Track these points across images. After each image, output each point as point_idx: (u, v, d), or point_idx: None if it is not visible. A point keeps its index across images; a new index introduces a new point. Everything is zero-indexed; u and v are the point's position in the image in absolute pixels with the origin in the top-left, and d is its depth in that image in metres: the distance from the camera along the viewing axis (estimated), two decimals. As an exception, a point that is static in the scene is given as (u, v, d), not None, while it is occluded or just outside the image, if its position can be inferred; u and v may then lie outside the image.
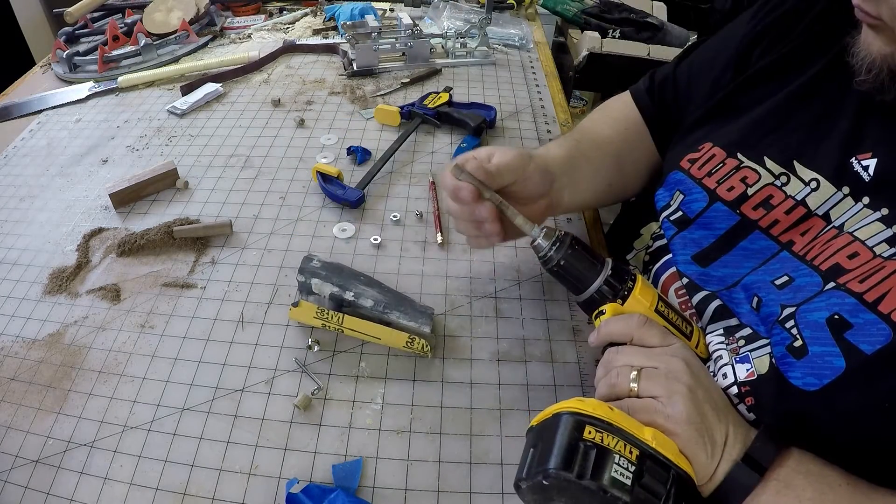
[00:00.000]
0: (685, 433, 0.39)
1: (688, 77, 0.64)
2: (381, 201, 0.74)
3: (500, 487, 0.47)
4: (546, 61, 1.08)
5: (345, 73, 1.02)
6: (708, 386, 0.42)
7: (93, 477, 0.48)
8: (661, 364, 0.42)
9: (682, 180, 0.55)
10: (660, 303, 0.47)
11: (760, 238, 0.49)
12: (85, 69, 1.05)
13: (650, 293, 0.47)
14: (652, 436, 0.38)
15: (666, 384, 0.41)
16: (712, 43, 0.64)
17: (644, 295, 0.47)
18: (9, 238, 0.70)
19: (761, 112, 0.53)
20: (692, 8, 2.04)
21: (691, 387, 0.41)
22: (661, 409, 0.40)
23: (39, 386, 0.54)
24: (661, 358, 0.43)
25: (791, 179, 0.48)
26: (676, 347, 0.44)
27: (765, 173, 0.50)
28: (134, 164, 0.81)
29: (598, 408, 0.38)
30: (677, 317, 0.48)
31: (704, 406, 0.40)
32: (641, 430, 0.38)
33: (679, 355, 0.43)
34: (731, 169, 0.52)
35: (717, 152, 0.53)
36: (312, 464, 0.48)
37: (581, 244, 0.49)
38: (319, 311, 0.56)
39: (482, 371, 0.55)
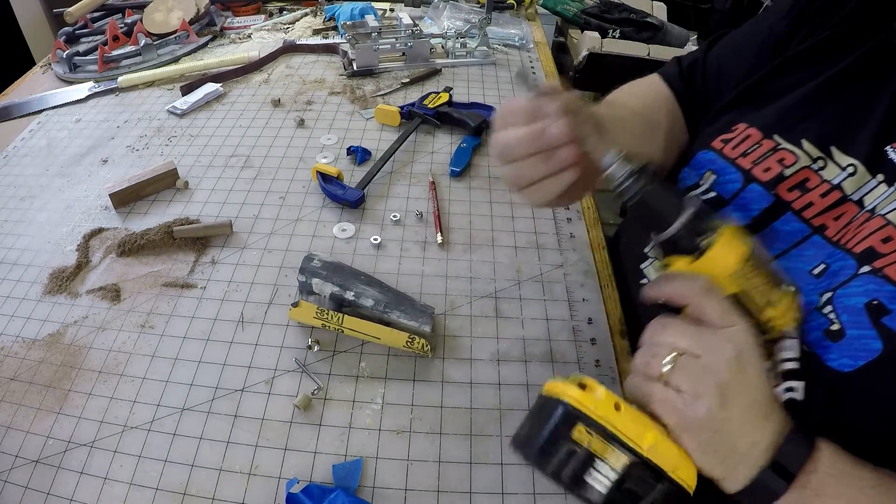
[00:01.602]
0: (697, 440, 0.37)
1: (718, 62, 0.63)
2: (381, 201, 0.74)
3: (499, 487, 0.47)
4: (546, 61, 1.08)
5: (345, 73, 1.02)
6: (750, 385, 0.37)
7: (93, 477, 0.48)
8: (705, 352, 0.37)
9: (714, 160, 0.54)
10: (747, 264, 0.39)
11: (793, 220, 0.48)
12: (85, 69, 1.05)
13: (735, 252, 0.39)
14: (652, 442, 0.36)
15: (697, 380, 0.37)
16: (746, 28, 0.63)
17: (725, 254, 0.39)
18: (9, 238, 0.70)
19: (798, 96, 0.52)
20: (692, 8, 2.04)
21: (725, 386, 0.36)
22: (680, 408, 0.37)
23: (39, 386, 0.54)
24: (708, 343, 0.38)
25: (828, 164, 0.48)
26: (733, 331, 0.38)
27: (802, 155, 0.49)
28: (134, 164, 0.81)
29: (601, 405, 0.37)
30: (764, 283, 0.40)
31: (732, 410, 0.37)
32: (642, 435, 0.36)
33: (732, 342, 0.37)
34: (767, 150, 0.51)
35: (753, 133, 0.52)
36: (312, 464, 0.48)
37: (662, 179, 0.41)
38: (319, 311, 0.56)
39: (482, 371, 0.55)
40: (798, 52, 0.54)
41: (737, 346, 0.37)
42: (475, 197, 0.75)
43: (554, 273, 0.65)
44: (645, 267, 0.61)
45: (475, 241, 0.68)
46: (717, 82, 0.63)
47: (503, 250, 0.67)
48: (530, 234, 0.69)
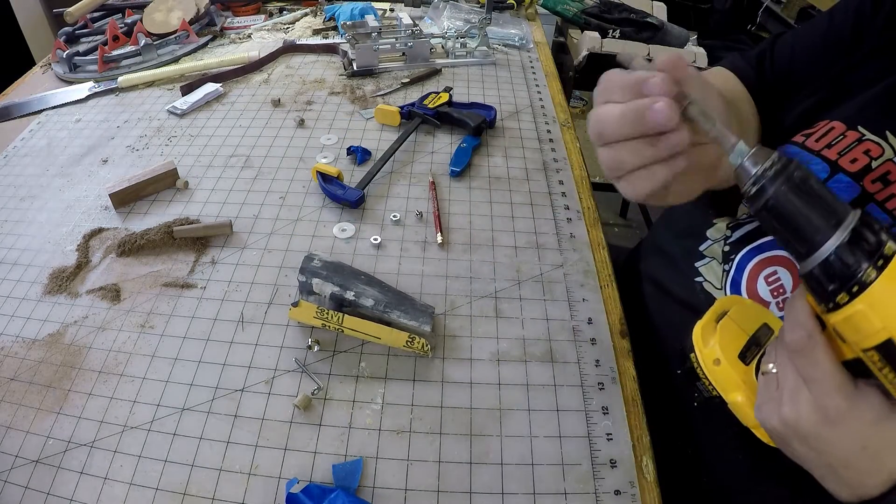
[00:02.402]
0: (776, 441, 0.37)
1: (790, 55, 0.62)
2: (381, 201, 0.74)
3: (499, 487, 0.47)
4: (546, 61, 1.08)
5: (345, 73, 1.02)
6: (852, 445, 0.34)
7: (93, 477, 0.48)
8: (787, 398, 0.35)
9: (798, 153, 0.52)
10: None
11: (875, 211, 0.47)
12: (85, 69, 1.05)
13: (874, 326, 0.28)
14: (735, 403, 0.40)
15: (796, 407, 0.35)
16: (815, 24, 0.61)
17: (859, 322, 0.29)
18: (9, 238, 0.70)
19: (880, 89, 0.51)
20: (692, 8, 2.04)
21: (817, 438, 0.34)
22: (762, 402, 0.38)
23: (39, 386, 0.54)
24: (791, 389, 0.35)
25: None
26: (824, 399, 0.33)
27: (887, 147, 0.48)
28: (134, 164, 0.81)
29: (706, 357, 0.42)
30: None
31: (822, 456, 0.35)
32: (729, 393, 0.40)
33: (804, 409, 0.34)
34: (852, 141, 0.50)
35: (837, 125, 0.52)
36: (312, 464, 0.48)
37: (813, 179, 0.31)
38: (319, 310, 0.56)
39: (482, 371, 0.55)
40: (877, 46, 0.53)
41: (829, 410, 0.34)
42: (475, 197, 0.75)
43: (554, 273, 0.65)
44: (701, 265, 0.59)
45: (475, 241, 0.68)
46: (789, 76, 0.61)
47: (503, 250, 0.67)
48: (530, 234, 0.69)
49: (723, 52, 1.63)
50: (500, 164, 0.80)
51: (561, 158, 0.82)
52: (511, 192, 0.76)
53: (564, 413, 0.52)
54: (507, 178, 0.78)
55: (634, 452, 0.50)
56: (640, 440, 0.51)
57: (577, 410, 0.52)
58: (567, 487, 0.47)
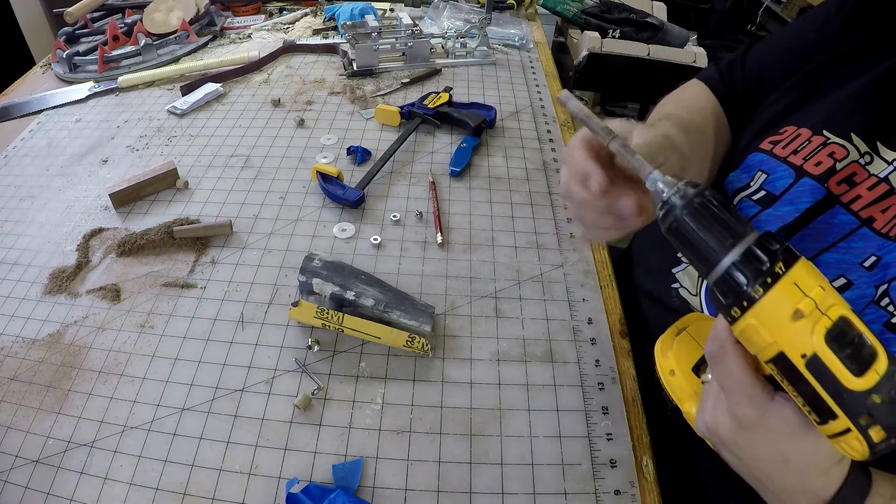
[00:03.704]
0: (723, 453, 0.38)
1: (760, 62, 0.63)
2: (381, 201, 0.74)
3: (499, 487, 0.47)
4: (546, 61, 1.08)
5: (345, 73, 1.02)
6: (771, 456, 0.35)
7: (93, 477, 0.48)
8: (711, 406, 0.37)
9: (765, 160, 0.54)
10: (826, 347, 0.29)
11: (841, 212, 0.48)
12: (85, 69, 1.05)
13: (765, 340, 0.30)
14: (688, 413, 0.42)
15: (715, 417, 0.37)
16: (789, 29, 0.63)
17: (751, 336, 0.31)
18: (9, 238, 0.70)
19: (847, 92, 0.52)
20: (692, 8, 2.04)
21: (739, 446, 0.36)
22: (704, 413, 0.38)
23: (39, 386, 0.54)
24: (713, 398, 0.37)
25: (874, 159, 0.48)
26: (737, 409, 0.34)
27: (852, 149, 0.49)
28: (134, 164, 0.81)
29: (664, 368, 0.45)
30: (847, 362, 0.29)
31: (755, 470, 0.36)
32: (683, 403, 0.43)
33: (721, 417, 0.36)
34: (817, 145, 0.51)
35: (802, 132, 0.53)
36: (312, 464, 0.48)
37: (720, 202, 0.33)
38: (319, 310, 0.56)
39: (482, 371, 0.55)
40: (839, 52, 0.54)
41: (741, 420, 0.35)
42: (475, 197, 0.75)
43: (554, 273, 0.65)
44: (678, 271, 0.60)
45: (475, 241, 0.68)
46: (760, 81, 0.62)
47: (503, 250, 0.67)
48: (530, 234, 0.69)
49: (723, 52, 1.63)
50: (500, 164, 0.80)
51: (561, 158, 0.82)
52: (511, 192, 0.76)
53: (564, 413, 0.52)
54: (507, 178, 0.78)
55: (634, 452, 0.50)
56: (640, 440, 0.51)
57: (577, 410, 0.52)
58: (567, 487, 0.47)
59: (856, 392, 0.28)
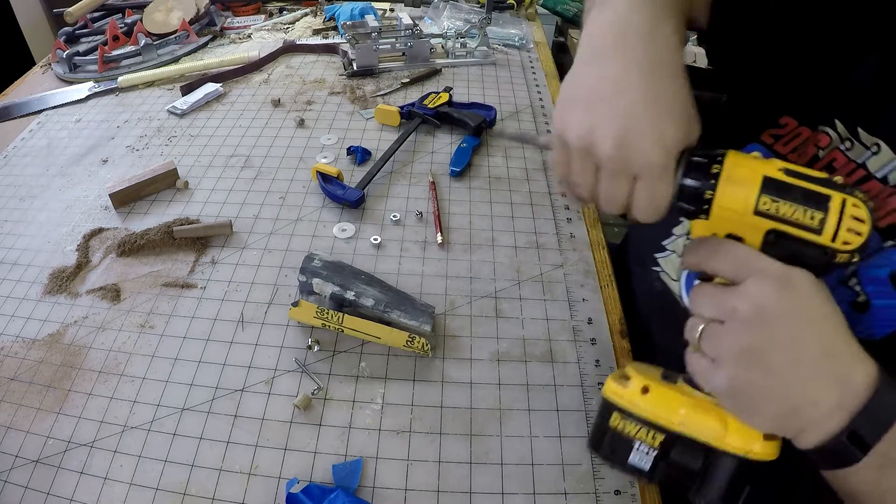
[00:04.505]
0: (734, 406, 0.35)
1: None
2: (381, 201, 0.74)
3: (499, 487, 0.47)
4: (546, 61, 1.08)
5: (345, 73, 1.02)
6: (789, 339, 0.33)
7: (93, 477, 0.48)
8: (725, 316, 0.35)
9: (765, 154, 0.54)
10: (763, 197, 0.34)
11: None
12: (85, 69, 1.05)
13: (743, 190, 0.35)
14: (681, 419, 0.37)
15: (716, 347, 0.35)
16: None
17: (731, 197, 0.35)
18: (9, 238, 0.70)
19: (835, 79, 0.52)
20: (692, 8, 2.03)
21: (749, 349, 0.34)
22: (706, 378, 0.36)
23: (39, 386, 0.54)
24: (725, 305, 0.35)
25: (855, 145, 0.49)
26: (747, 286, 0.35)
27: (834, 136, 0.50)
28: (134, 164, 0.81)
29: (629, 393, 0.39)
30: (800, 206, 0.34)
31: (768, 370, 0.34)
32: (673, 412, 0.37)
33: (747, 298, 0.34)
34: (806, 136, 0.52)
35: (790, 121, 0.54)
36: (312, 464, 0.48)
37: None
38: (319, 310, 0.56)
39: (482, 371, 0.55)
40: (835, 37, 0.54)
41: (754, 300, 0.34)
42: (475, 197, 0.75)
43: (554, 273, 0.65)
44: (661, 257, 0.61)
45: (475, 241, 0.68)
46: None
47: (503, 250, 0.67)
48: (530, 234, 0.69)
49: (723, 52, 1.62)
50: (500, 164, 0.80)
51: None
52: (511, 192, 0.76)
53: (564, 413, 0.52)
54: (507, 178, 0.78)
55: (634, 452, 0.50)
56: (640, 440, 0.51)
57: (577, 410, 0.52)
58: (567, 487, 0.47)
59: (827, 177, 0.35)
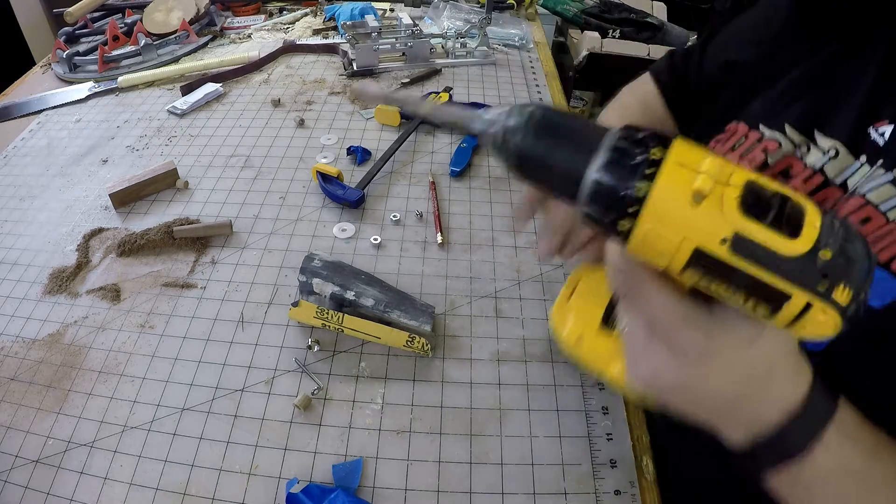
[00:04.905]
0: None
1: (724, 51, 0.62)
2: (381, 201, 0.74)
3: (499, 487, 0.47)
4: (546, 61, 1.08)
5: (345, 73, 1.02)
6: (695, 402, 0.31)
7: (93, 477, 0.48)
8: (639, 355, 0.31)
9: None
10: (690, 271, 0.25)
11: None
12: (85, 69, 1.05)
13: (664, 257, 0.25)
14: (611, 377, 0.34)
15: (628, 352, 0.32)
16: (747, 19, 0.62)
17: (650, 252, 0.25)
18: (9, 238, 0.70)
19: (785, 83, 0.53)
20: (692, 8, 2.04)
21: (661, 389, 0.31)
22: (628, 366, 0.32)
23: (39, 386, 0.54)
24: (633, 345, 0.32)
25: (811, 149, 0.48)
26: (653, 352, 0.30)
27: (785, 142, 0.50)
28: (134, 164, 0.81)
29: (566, 339, 0.37)
30: (741, 295, 0.24)
31: (683, 409, 0.31)
32: (600, 369, 0.35)
33: (650, 365, 0.30)
34: (753, 141, 0.52)
35: (741, 127, 0.53)
36: (312, 464, 0.48)
37: (560, 114, 0.28)
38: (319, 310, 0.56)
39: (482, 371, 0.55)
40: (793, 35, 0.54)
41: (654, 367, 0.30)
42: (475, 197, 0.75)
43: (554, 273, 0.65)
44: None
45: (475, 241, 0.68)
46: (721, 70, 0.61)
47: (503, 250, 0.67)
48: (530, 234, 0.69)
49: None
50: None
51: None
52: (511, 192, 0.76)
53: (564, 413, 0.52)
54: (507, 178, 0.78)
55: (634, 452, 0.50)
56: (640, 440, 0.51)
57: (577, 410, 0.52)
58: (567, 487, 0.47)
59: (800, 256, 0.22)
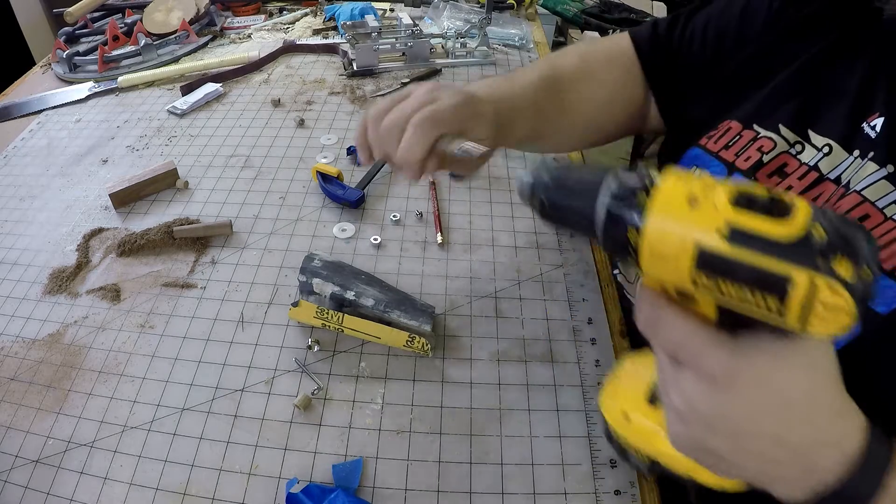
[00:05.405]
0: (691, 456, 0.32)
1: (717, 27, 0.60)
2: (381, 201, 0.74)
3: (499, 487, 0.47)
4: (546, 61, 1.08)
5: (345, 73, 1.02)
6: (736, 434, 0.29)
7: (93, 477, 0.48)
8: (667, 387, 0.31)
9: (700, 155, 0.55)
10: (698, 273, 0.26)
11: None
12: (85, 69, 1.05)
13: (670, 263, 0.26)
14: (660, 451, 0.36)
15: (666, 402, 0.32)
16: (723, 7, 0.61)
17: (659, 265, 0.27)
18: (9, 238, 0.70)
19: (777, 82, 0.53)
20: (692, 8, 2.04)
21: (694, 438, 0.30)
22: (668, 428, 0.33)
23: (39, 386, 0.54)
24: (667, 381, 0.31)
25: (805, 147, 0.49)
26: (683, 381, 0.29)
27: (780, 141, 0.50)
28: (134, 164, 0.81)
29: (614, 417, 0.40)
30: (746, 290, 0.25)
31: (724, 460, 0.30)
32: (651, 445, 0.37)
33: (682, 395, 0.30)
34: (748, 140, 0.52)
35: (734, 125, 0.54)
36: (312, 464, 0.48)
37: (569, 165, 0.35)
38: (319, 310, 0.56)
39: (482, 371, 0.55)
40: (782, 33, 0.55)
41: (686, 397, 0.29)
42: (475, 197, 0.75)
43: (554, 273, 0.65)
44: (617, 273, 0.61)
45: (475, 241, 0.68)
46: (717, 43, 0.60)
47: (503, 250, 0.67)
48: (530, 234, 0.69)
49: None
50: (500, 164, 0.80)
51: (561, 157, 0.82)
52: (511, 192, 0.76)
53: (564, 413, 0.52)
54: (507, 178, 0.78)
55: (634, 452, 0.50)
56: (640, 440, 0.51)
57: (577, 410, 0.52)
58: (567, 487, 0.47)
59: (794, 237, 0.23)
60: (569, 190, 0.32)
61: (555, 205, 0.33)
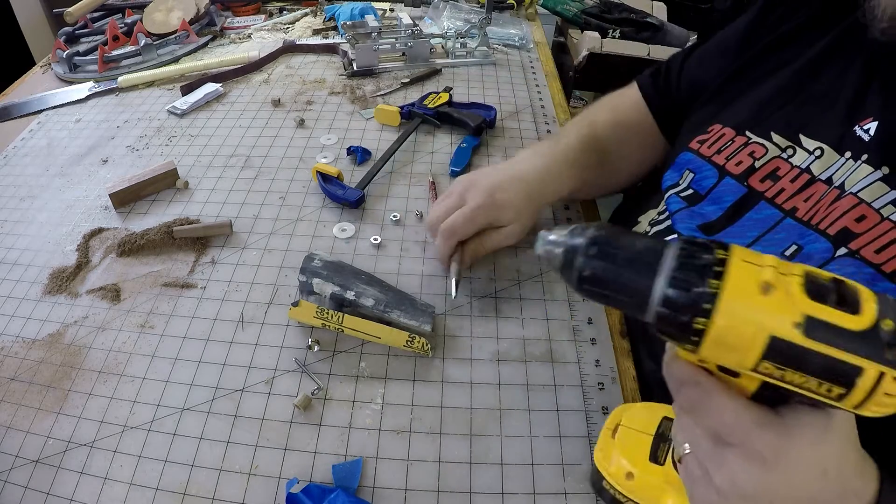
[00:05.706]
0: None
1: (694, 69, 0.66)
2: (381, 201, 0.74)
3: (499, 487, 0.47)
4: (546, 61, 1.08)
5: (345, 73, 1.02)
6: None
7: (93, 477, 0.48)
8: (706, 468, 0.30)
9: (692, 160, 0.56)
10: (765, 363, 0.25)
11: (766, 208, 0.49)
12: (85, 69, 1.05)
13: (736, 354, 0.26)
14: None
15: (697, 473, 0.31)
16: (723, 32, 0.65)
17: (724, 354, 0.26)
18: (9, 238, 0.70)
19: (768, 88, 0.54)
20: (692, 8, 2.04)
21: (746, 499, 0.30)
22: (692, 494, 0.32)
23: (39, 386, 0.54)
24: (707, 462, 0.30)
25: (797, 151, 0.49)
26: (729, 461, 0.29)
27: (772, 147, 0.51)
28: (134, 164, 0.81)
29: (615, 475, 0.41)
30: (814, 379, 0.25)
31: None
32: (660, 500, 0.37)
33: (728, 477, 0.29)
34: (739, 145, 0.53)
35: (727, 132, 0.54)
36: (312, 464, 0.48)
37: (618, 229, 0.30)
38: (319, 310, 0.56)
39: (482, 371, 0.55)
40: (767, 44, 0.56)
41: (732, 478, 0.29)
42: (475, 197, 0.75)
43: (554, 273, 0.65)
44: None
45: (475, 241, 0.68)
46: (691, 88, 0.65)
47: (503, 250, 0.67)
48: (529, 234, 0.69)
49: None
50: (500, 164, 0.80)
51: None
52: (511, 192, 0.75)
53: (564, 413, 0.52)
54: (507, 178, 0.78)
55: (634, 452, 0.50)
56: (640, 440, 0.51)
57: (577, 410, 0.52)
58: (567, 487, 0.47)
59: (866, 330, 0.24)
60: (618, 264, 0.28)
61: (599, 280, 0.28)
